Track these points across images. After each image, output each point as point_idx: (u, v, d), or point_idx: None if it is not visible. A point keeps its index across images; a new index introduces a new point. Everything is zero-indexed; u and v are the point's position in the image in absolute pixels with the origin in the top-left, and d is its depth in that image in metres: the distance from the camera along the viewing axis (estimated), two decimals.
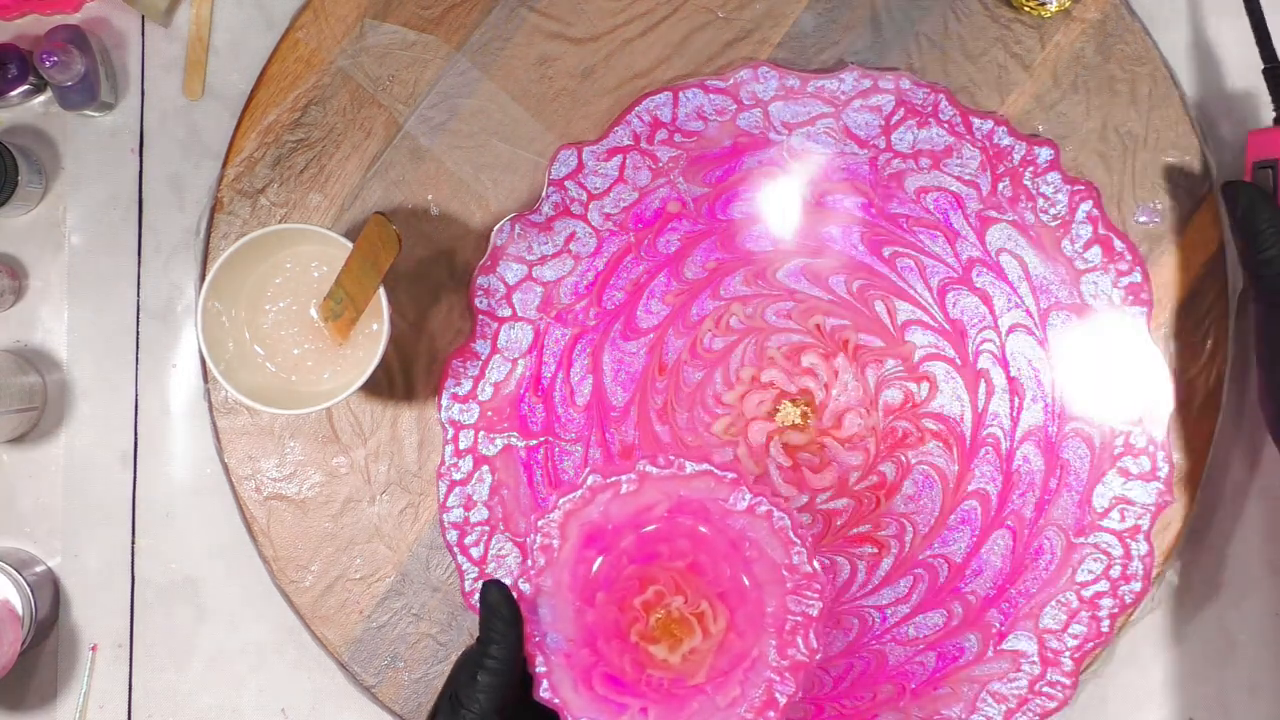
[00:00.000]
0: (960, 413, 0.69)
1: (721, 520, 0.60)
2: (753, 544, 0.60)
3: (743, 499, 0.60)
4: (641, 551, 0.60)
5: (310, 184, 0.71)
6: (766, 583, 0.60)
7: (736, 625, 0.60)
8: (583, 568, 0.60)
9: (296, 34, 0.71)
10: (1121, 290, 0.69)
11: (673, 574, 0.60)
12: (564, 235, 0.70)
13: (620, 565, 0.60)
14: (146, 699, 0.72)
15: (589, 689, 0.59)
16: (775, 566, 0.60)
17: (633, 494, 0.60)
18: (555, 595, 0.59)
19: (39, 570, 0.72)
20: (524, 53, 0.71)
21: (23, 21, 0.73)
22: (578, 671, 0.59)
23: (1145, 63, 0.70)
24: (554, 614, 0.59)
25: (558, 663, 0.59)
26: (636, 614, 0.60)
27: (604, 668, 0.59)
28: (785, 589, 0.59)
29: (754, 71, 0.70)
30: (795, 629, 0.59)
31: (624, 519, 0.60)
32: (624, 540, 0.60)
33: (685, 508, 0.60)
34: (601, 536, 0.60)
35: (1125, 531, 0.69)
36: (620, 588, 0.60)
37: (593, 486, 0.60)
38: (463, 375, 0.70)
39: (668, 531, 0.60)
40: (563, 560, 0.60)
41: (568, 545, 0.60)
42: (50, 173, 0.73)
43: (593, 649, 0.59)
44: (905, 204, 0.70)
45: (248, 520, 0.71)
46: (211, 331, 0.64)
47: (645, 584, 0.60)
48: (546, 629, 0.59)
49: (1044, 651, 0.69)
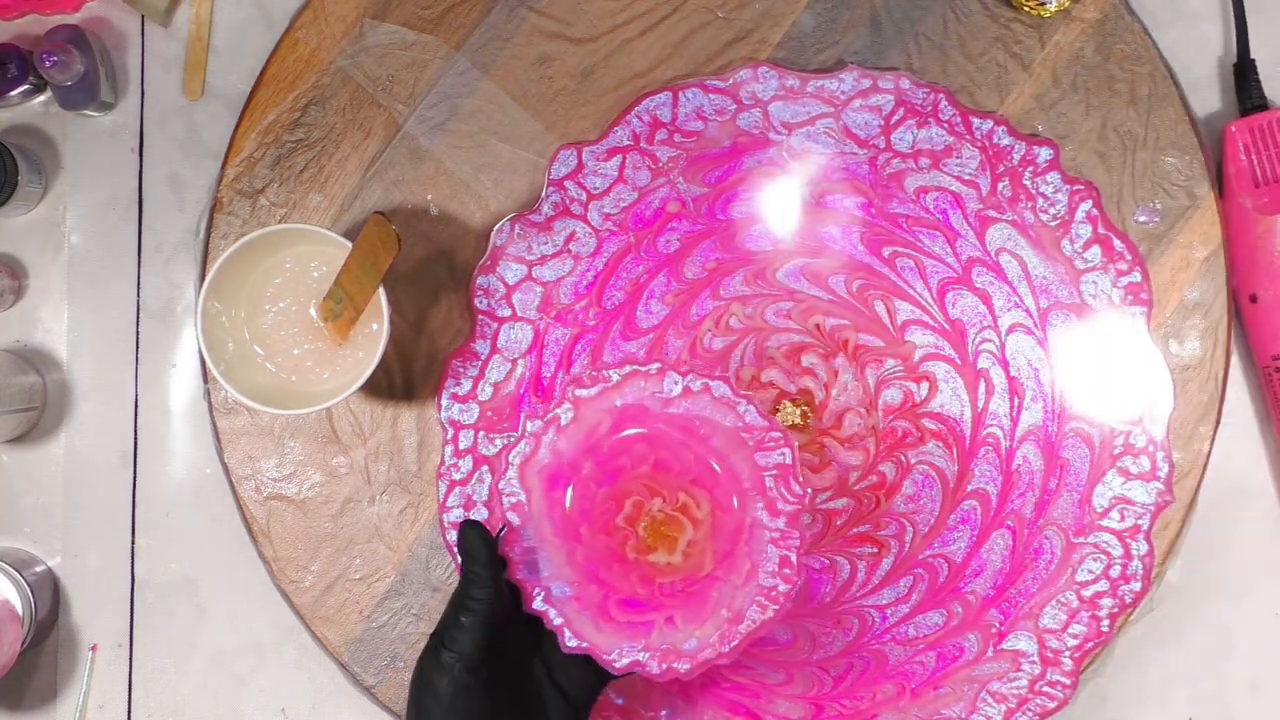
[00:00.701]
0: (960, 412, 0.69)
1: (664, 411, 0.60)
2: (702, 421, 0.59)
3: (675, 384, 0.60)
4: (604, 472, 0.60)
5: (310, 184, 0.71)
6: (730, 452, 0.59)
7: (720, 503, 0.59)
8: (556, 510, 0.60)
9: (296, 34, 0.71)
10: (1121, 290, 0.69)
11: (641, 480, 0.60)
12: (564, 235, 0.70)
13: (590, 493, 0.60)
14: (146, 699, 0.72)
15: (610, 621, 0.58)
16: (731, 433, 0.59)
17: (572, 422, 0.60)
18: (542, 548, 0.59)
19: (39, 570, 0.72)
20: (524, 53, 0.71)
21: (23, 21, 0.73)
22: (593, 610, 0.58)
23: (1145, 63, 0.70)
24: (548, 566, 0.59)
25: (571, 610, 0.58)
26: (624, 532, 0.60)
27: (615, 595, 0.59)
28: (749, 449, 0.59)
29: (754, 71, 0.70)
30: (775, 482, 0.59)
31: (575, 449, 0.60)
32: (584, 469, 0.60)
33: (626, 415, 0.60)
34: (561, 474, 0.60)
35: (1125, 531, 0.69)
36: (598, 513, 0.60)
37: (533, 431, 0.60)
38: (463, 375, 0.70)
39: (620, 443, 0.60)
40: (535, 512, 0.59)
41: (534, 496, 0.59)
42: (50, 173, 0.73)
43: (598, 582, 0.59)
44: (905, 204, 0.70)
45: (248, 520, 0.71)
46: (211, 332, 0.64)
47: (621, 500, 0.60)
48: (547, 583, 0.59)
49: (1044, 651, 0.69)
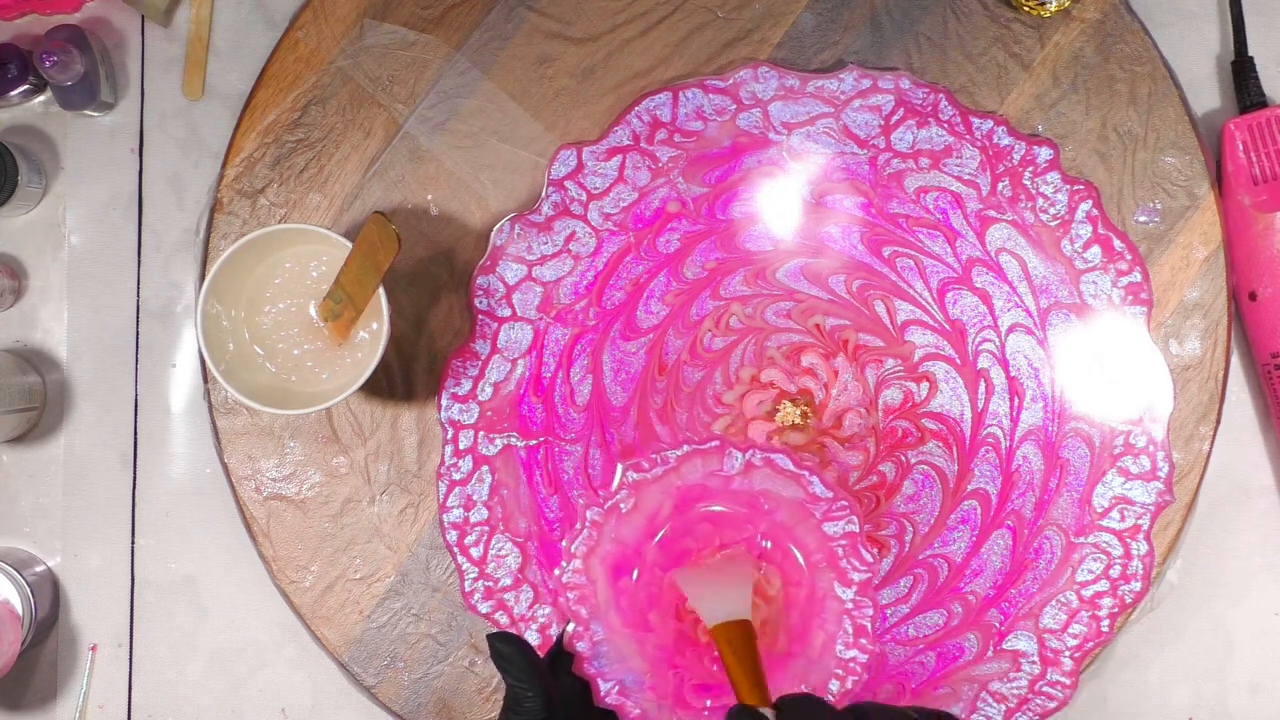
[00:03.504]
0: (960, 412, 0.69)
1: (727, 489, 0.58)
2: (766, 496, 0.58)
3: (735, 460, 0.58)
4: (669, 556, 0.58)
5: (310, 184, 0.71)
6: (796, 524, 0.57)
7: (790, 578, 0.57)
8: (624, 599, 0.58)
9: (296, 34, 0.71)
10: (1121, 290, 0.69)
11: (708, 561, 0.58)
12: (564, 235, 0.70)
13: (656, 579, 0.58)
14: (146, 699, 0.72)
15: (687, 708, 0.56)
16: (797, 505, 0.57)
17: (634, 508, 0.58)
18: (611, 640, 0.57)
19: (39, 570, 0.72)
20: (524, 53, 0.71)
21: (23, 21, 0.73)
22: (669, 698, 0.56)
23: (1145, 63, 0.70)
24: (618, 657, 0.56)
25: (647, 700, 0.56)
26: (694, 615, 0.57)
27: (691, 680, 0.57)
28: (816, 520, 0.57)
29: (754, 71, 0.70)
30: (846, 551, 0.57)
31: (637, 535, 0.58)
32: (648, 554, 0.58)
33: (689, 495, 0.58)
34: (626, 561, 0.58)
35: (1125, 531, 0.69)
36: (667, 599, 0.58)
37: (595, 520, 0.58)
38: (462, 375, 0.70)
39: (684, 524, 0.58)
40: (603, 603, 0.57)
41: (599, 586, 0.57)
42: (50, 173, 0.73)
43: (672, 668, 0.57)
44: (905, 204, 0.70)
45: (247, 520, 0.71)
46: (211, 332, 0.64)
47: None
48: (620, 675, 0.56)
49: (1044, 651, 0.68)
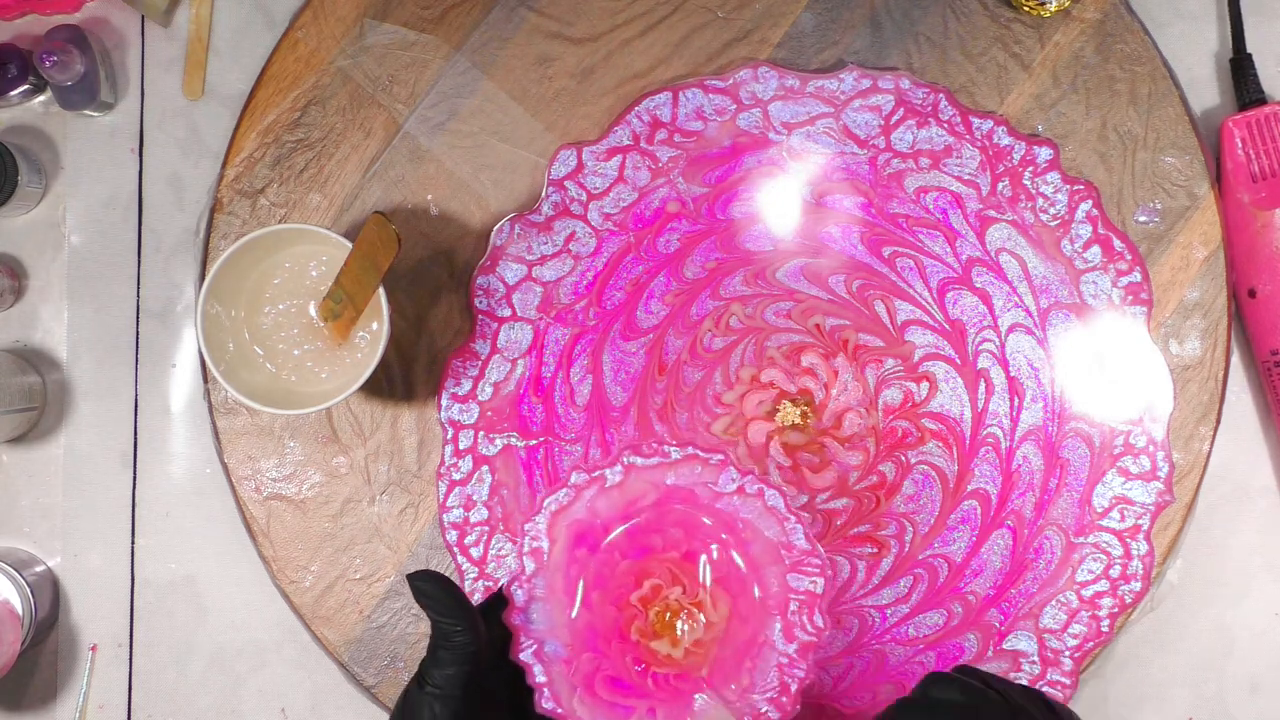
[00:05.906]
0: (960, 412, 0.69)
1: (712, 504, 0.57)
2: (746, 525, 0.57)
3: (731, 480, 0.57)
4: (634, 545, 0.57)
5: (310, 184, 0.71)
6: (765, 564, 0.57)
7: (739, 611, 0.57)
8: (574, 568, 0.57)
9: (296, 34, 0.71)
10: (1121, 290, 0.69)
11: (668, 565, 0.57)
12: (564, 235, 0.70)
13: (613, 561, 0.57)
14: (146, 699, 0.72)
15: (592, 695, 0.56)
16: (772, 546, 0.57)
17: (618, 486, 0.57)
18: (548, 600, 0.57)
19: (39, 570, 0.72)
20: (524, 52, 0.71)
21: (23, 21, 0.73)
22: (579, 678, 0.56)
23: (1144, 63, 0.70)
24: (549, 620, 0.56)
25: (558, 672, 0.56)
26: (634, 611, 0.57)
27: (606, 670, 0.57)
28: (785, 567, 0.57)
29: (754, 71, 0.70)
30: (800, 608, 0.56)
31: (612, 513, 0.57)
32: (614, 535, 0.57)
33: (674, 496, 0.57)
34: (590, 534, 0.57)
35: (1125, 531, 0.69)
36: (615, 585, 0.57)
37: (577, 484, 0.57)
38: (463, 375, 0.70)
39: (658, 522, 0.58)
40: (553, 564, 0.57)
41: (557, 547, 0.57)
42: (50, 173, 0.73)
43: (594, 651, 0.57)
44: (905, 204, 0.70)
45: (247, 520, 0.71)
46: (211, 332, 0.64)
47: (640, 578, 0.57)
48: (542, 636, 0.56)
49: (1044, 651, 0.68)
